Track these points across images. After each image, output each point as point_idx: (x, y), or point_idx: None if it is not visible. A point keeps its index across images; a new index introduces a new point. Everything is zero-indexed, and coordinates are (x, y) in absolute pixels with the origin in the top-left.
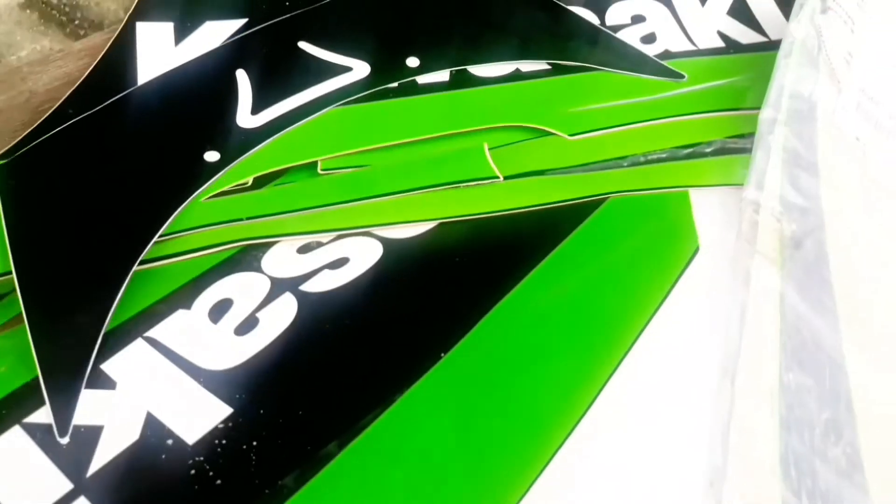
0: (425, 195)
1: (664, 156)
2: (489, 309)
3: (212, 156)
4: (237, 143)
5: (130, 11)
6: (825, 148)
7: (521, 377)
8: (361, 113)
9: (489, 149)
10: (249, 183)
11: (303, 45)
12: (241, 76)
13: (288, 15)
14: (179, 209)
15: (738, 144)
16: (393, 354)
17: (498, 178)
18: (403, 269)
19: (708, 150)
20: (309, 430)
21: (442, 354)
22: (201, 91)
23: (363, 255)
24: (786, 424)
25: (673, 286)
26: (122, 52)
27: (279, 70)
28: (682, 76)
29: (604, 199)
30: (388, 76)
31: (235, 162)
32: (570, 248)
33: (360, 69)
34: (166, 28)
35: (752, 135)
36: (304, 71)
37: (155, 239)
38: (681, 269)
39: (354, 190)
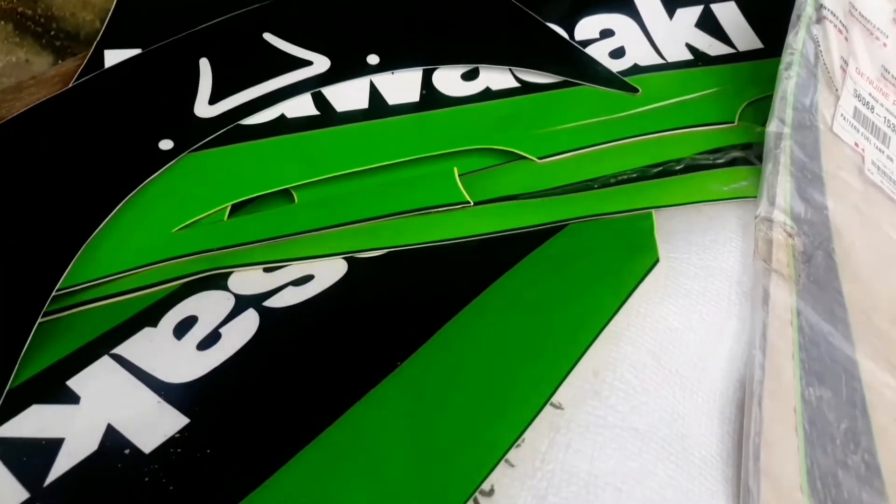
0: (395, 221)
1: (634, 175)
2: (443, 323)
3: (166, 144)
4: (192, 133)
5: (98, 39)
6: (828, 158)
7: (476, 385)
8: (334, 137)
9: (459, 174)
10: (226, 217)
11: (268, 36)
12: (204, 65)
13: (257, 5)
14: (132, 193)
15: (709, 160)
16: (348, 366)
17: (468, 202)
18: (367, 286)
19: (678, 167)
20: (262, 439)
21: (398, 363)
22: (162, 78)
23: (328, 273)
24: (810, 439)
25: (629, 295)
26: None
27: (242, 60)
28: (636, 90)
29: (565, 225)
30: (347, 71)
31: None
32: (526, 266)
33: (320, 63)
34: (133, 55)
35: (720, 149)
36: (265, 62)
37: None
38: (636, 282)
39: (327, 217)
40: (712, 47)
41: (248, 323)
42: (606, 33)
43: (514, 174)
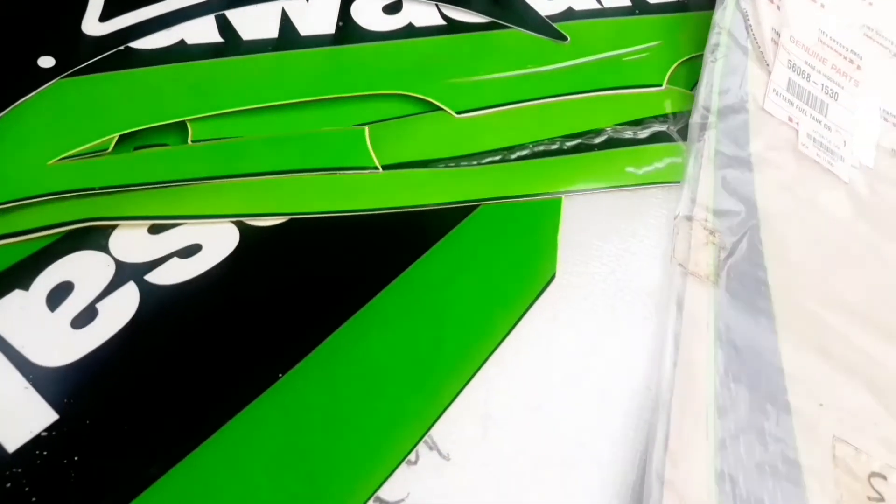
0: (296, 179)
1: (552, 147)
2: (332, 330)
3: (46, 61)
4: (77, 51)
5: None
6: (757, 140)
7: (354, 412)
8: (238, 67)
9: (370, 125)
10: (110, 149)
11: None
12: None
13: None
14: (4, 112)
15: (629, 134)
16: (230, 369)
17: (377, 168)
18: (257, 267)
19: (596, 140)
20: (131, 448)
21: (280, 375)
22: None
23: (217, 244)
24: (722, 444)
25: (523, 315)
26: None
27: None
28: (565, 38)
29: (475, 206)
30: None
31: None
32: (428, 263)
33: None
34: None
35: (642, 121)
36: None
37: None
38: (532, 299)
39: (223, 165)
40: None
41: (128, 300)
42: None
43: (429, 129)
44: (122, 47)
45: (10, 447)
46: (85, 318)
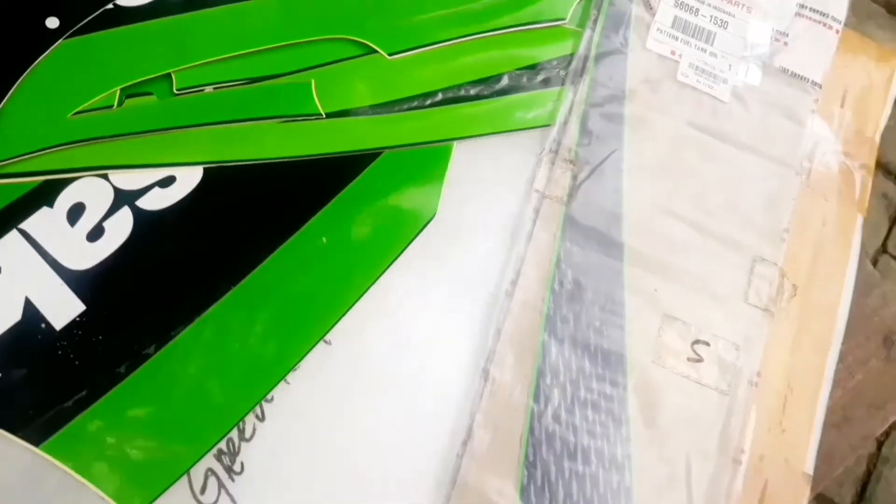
0: (254, 127)
1: (460, 93)
2: (270, 251)
3: (52, 22)
4: (76, 8)
5: None
6: (633, 75)
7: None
8: (208, 21)
9: (317, 69)
10: (115, 106)
11: None
12: None
13: None
14: (22, 77)
15: (524, 80)
16: (197, 279)
17: (321, 115)
18: (214, 202)
19: (496, 87)
20: (137, 332)
21: (231, 287)
22: None
23: (186, 178)
24: (549, 342)
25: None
26: None
27: None
28: None
29: (380, 153)
30: None
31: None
32: (338, 205)
33: None
34: None
35: (538, 66)
36: None
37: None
38: (412, 237)
39: (198, 113)
40: None
41: (125, 222)
42: None
43: (364, 75)
44: (110, 5)
45: (57, 326)
46: (96, 234)
